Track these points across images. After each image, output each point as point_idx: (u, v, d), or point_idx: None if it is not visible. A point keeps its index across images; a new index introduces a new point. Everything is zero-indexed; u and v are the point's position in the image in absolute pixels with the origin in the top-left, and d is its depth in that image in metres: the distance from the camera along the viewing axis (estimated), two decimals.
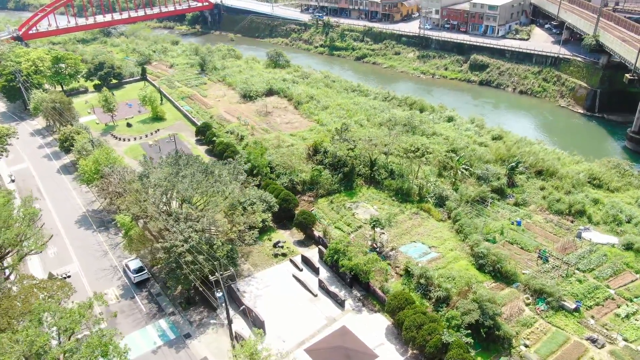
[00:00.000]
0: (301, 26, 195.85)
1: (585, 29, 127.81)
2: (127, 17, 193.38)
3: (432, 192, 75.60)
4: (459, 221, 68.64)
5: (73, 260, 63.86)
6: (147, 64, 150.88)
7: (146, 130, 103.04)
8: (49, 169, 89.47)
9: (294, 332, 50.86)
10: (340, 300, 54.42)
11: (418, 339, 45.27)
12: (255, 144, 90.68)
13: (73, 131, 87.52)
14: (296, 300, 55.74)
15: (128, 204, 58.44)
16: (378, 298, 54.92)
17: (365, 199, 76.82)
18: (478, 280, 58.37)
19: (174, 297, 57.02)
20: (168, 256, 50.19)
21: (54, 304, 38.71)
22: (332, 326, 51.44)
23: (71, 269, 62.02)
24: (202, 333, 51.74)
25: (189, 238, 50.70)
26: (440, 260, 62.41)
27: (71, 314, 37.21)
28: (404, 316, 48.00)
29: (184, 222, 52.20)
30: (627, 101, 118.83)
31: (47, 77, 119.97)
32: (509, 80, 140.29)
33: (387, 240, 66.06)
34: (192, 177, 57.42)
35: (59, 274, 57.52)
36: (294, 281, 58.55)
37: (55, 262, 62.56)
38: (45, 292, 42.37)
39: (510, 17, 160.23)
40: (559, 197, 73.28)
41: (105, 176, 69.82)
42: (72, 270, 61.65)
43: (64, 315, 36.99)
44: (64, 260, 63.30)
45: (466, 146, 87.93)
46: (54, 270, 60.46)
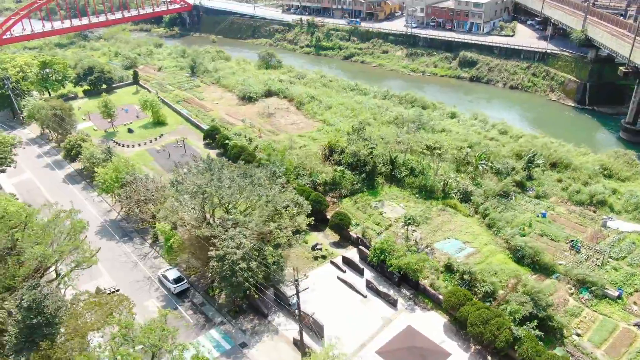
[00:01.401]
0: (285, 26, 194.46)
1: (572, 24, 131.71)
2: (104, 20, 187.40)
3: (455, 188, 76.26)
4: (488, 216, 69.48)
5: (102, 273, 61.23)
6: (134, 68, 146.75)
7: (149, 136, 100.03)
8: (54, 179, 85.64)
9: (352, 334, 50.28)
10: (392, 300, 54.15)
11: (486, 334, 45.42)
12: (268, 146, 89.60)
13: (79, 139, 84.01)
14: (346, 303, 55.11)
15: (165, 212, 56.44)
16: (429, 296, 54.90)
17: (388, 197, 76.83)
18: (518, 273, 59.26)
19: (220, 306, 55.46)
20: (222, 264, 48.62)
21: (130, 320, 36.86)
22: (390, 326, 51.13)
23: (103, 282, 59.43)
24: (259, 341, 50.49)
25: (240, 244, 49.38)
26: (478, 255, 62.93)
27: (155, 330, 35.46)
28: (466, 312, 48.11)
29: (232, 228, 50.75)
30: (615, 93, 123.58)
31: (33, 83, 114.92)
32: (499, 76, 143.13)
33: (421, 237, 66.20)
34: (231, 181, 56.00)
35: (107, 288, 54.92)
36: (339, 283, 57.89)
37: (85, 276, 59.75)
38: (107, 307, 40.31)
39: (494, 14, 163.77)
40: (578, 188, 75.11)
41: (128, 184, 67.33)
42: (104, 283, 59.09)
43: (147, 331, 35.23)
44: (93, 274, 60.50)
45: (478, 142, 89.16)
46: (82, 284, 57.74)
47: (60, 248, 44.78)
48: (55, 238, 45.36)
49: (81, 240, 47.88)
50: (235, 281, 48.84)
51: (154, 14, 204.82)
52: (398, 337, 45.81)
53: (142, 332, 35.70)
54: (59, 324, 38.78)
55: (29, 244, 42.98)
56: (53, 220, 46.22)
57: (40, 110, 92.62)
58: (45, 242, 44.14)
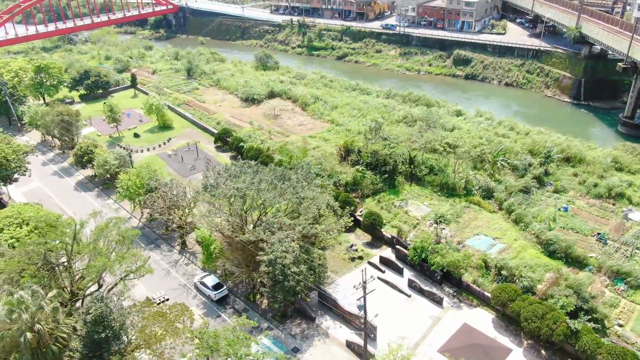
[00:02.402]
0: (275, 27, 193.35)
1: (565, 22, 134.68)
2: (90, 23, 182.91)
3: (477, 185, 76.99)
4: (514, 211, 70.34)
5: (135, 283, 59.38)
6: (126, 71, 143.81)
7: (157, 140, 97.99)
8: (65, 187, 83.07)
9: (404, 334, 50.09)
10: (438, 299, 54.33)
11: (543, 328, 45.93)
12: (283, 148, 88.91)
13: (90, 145, 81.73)
14: (391, 302, 55.02)
15: (202, 217, 55.30)
16: (473, 293, 55.26)
17: (411, 196, 77.11)
18: (552, 266, 60.22)
19: (264, 312, 54.66)
20: (273, 268, 47.88)
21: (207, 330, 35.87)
22: (440, 325, 51.29)
23: (137, 291, 57.80)
24: (310, 345, 49.94)
25: (289, 248, 48.77)
26: (509, 250, 63.63)
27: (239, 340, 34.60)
28: (518, 308, 48.56)
29: (279, 231, 50.09)
30: (609, 88, 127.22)
31: (28, 88, 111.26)
32: (494, 74, 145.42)
33: (451, 235, 66.62)
34: (269, 184, 55.27)
35: (157, 298, 53.35)
36: (381, 284, 57.69)
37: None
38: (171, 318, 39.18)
39: (484, 12, 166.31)
40: (595, 182, 76.78)
41: (154, 190, 65.74)
42: (138, 293, 57.49)
43: (232, 342, 34.33)
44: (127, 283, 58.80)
45: (491, 139, 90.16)
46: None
47: (120, 257, 43.30)
48: (110, 248, 43.82)
49: (135, 249, 46.54)
50: (287, 285, 48.16)
51: (140, 16, 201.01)
52: (456, 335, 45.96)
53: (226, 342, 34.75)
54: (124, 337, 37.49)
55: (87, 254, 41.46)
56: (104, 229, 44.67)
57: (45, 116, 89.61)
58: (104, 252, 42.64)
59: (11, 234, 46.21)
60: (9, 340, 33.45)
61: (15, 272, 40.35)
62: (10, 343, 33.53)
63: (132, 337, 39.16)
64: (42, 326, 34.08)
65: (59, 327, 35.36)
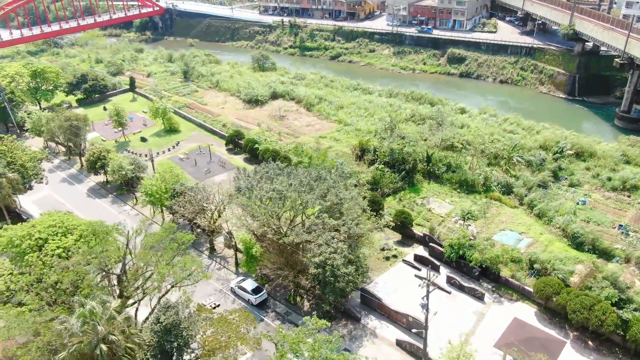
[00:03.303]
0: (265, 28, 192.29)
1: (558, 19, 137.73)
2: (76, 26, 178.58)
3: (495, 181, 77.97)
4: (536, 206, 71.48)
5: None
6: (120, 74, 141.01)
7: (165, 144, 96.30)
8: (77, 194, 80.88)
9: (452, 330, 50.45)
10: (479, 294, 54.81)
11: (592, 319, 46.79)
12: (297, 149, 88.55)
13: (103, 150, 79.81)
14: (432, 300, 55.04)
15: (239, 220, 54.59)
16: (513, 287, 55.93)
17: (431, 194, 77.66)
18: (582, 259, 61.43)
19: (307, 314, 54.13)
20: (323, 270, 47.56)
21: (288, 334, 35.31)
22: (486, 320, 51.79)
23: (173, 298, 56.60)
24: (360, 346, 49.76)
25: (338, 249, 48.55)
26: (537, 244, 64.63)
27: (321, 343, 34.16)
28: (564, 300, 49.37)
29: (327, 233, 49.78)
30: (602, 84, 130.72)
31: (24, 93, 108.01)
32: (489, 71, 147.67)
33: (477, 231, 67.32)
34: (305, 185, 54.92)
35: (208, 304, 52.21)
36: (418, 281, 57.73)
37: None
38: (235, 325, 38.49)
39: (475, 11, 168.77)
40: (609, 175, 78.64)
41: (180, 195, 64.55)
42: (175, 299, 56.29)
43: (314, 346, 33.88)
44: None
45: (500, 136, 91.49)
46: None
47: (183, 263, 42.24)
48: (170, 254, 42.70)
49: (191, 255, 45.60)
50: (338, 287, 47.91)
51: (127, 18, 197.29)
52: (509, 329, 46.43)
53: (310, 346, 34.31)
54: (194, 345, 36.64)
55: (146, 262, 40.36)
56: (163, 235, 43.53)
57: (50, 122, 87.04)
58: (166, 259, 41.56)
59: (57, 244, 44.70)
60: (83, 353, 32.33)
61: (71, 284, 39.07)
62: (84, 356, 32.42)
63: (200, 345, 38.30)
64: (116, 337, 33.05)
65: (130, 337, 34.33)
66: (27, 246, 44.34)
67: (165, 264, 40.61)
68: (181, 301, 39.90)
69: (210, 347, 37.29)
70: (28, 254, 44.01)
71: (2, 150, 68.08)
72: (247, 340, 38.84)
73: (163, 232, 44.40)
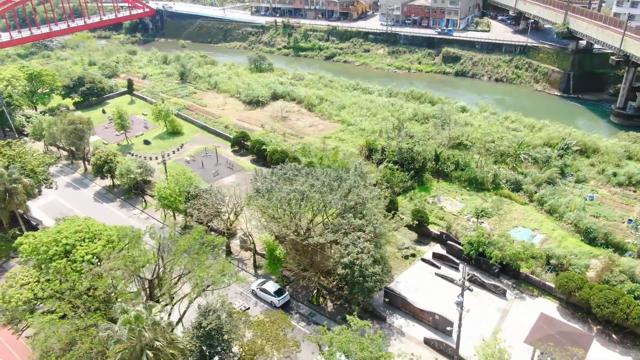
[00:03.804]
0: (258, 29, 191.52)
1: (551, 18, 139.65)
2: (66, 28, 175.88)
3: (504, 178, 78.73)
4: (546, 202, 72.35)
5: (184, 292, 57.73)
6: (115, 77, 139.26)
7: (169, 147, 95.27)
8: (83, 199, 79.61)
9: (477, 327, 50.80)
10: (501, 291, 55.28)
11: (617, 313, 47.51)
12: (304, 150, 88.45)
13: (110, 154, 78.69)
14: (454, 297, 55.32)
15: (259, 222, 54.31)
16: (533, 283, 56.54)
17: (441, 192, 78.16)
18: (596, 254, 62.42)
19: (331, 314, 54.14)
20: (351, 270, 47.54)
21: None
22: (510, 316, 52.28)
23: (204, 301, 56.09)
24: (389, 346, 49.62)
25: (365, 248, 48.59)
26: (550, 240, 65.51)
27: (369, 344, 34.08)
28: (587, 295, 50.06)
29: (353, 233, 49.79)
30: (595, 81, 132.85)
31: (21, 97, 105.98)
32: (484, 70, 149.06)
33: (490, 228, 67.92)
34: (326, 185, 54.85)
35: (237, 307, 51.65)
36: (440, 279, 58.25)
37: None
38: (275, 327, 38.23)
39: (468, 10, 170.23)
40: (614, 171, 79.98)
41: (195, 198, 63.95)
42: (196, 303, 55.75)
43: (364, 346, 33.79)
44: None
45: (504, 134, 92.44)
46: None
47: (221, 267, 41.80)
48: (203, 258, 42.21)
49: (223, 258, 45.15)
50: (366, 286, 47.94)
51: (117, 20, 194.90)
52: (538, 325, 46.86)
53: (360, 345, 34.19)
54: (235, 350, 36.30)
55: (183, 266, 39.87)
56: (196, 239, 43.03)
57: (52, 126, 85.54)
58: (202, 262, 41.07)
59: (86, 250, 43.86)
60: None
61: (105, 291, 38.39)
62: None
63: (240, 349, 37.92)
64: (161, 343, 32.56)
65: (173, 343, 33.86)
66: (54, 253, 43.48)
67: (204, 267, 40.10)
68: (219, 305, 39.43)
69: (251, 351, 36.94)
70: (55, 260, 43.14)
71: (11, 155, 66.69)
72: (287, 343, 38.60)
73: (196, 235, 43.90)
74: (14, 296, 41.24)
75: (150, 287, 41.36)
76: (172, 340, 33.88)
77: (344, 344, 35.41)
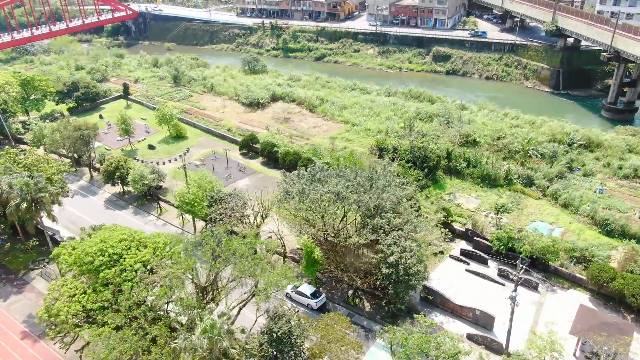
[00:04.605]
0: (246, 30, 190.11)
1: (539, 17, 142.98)
2: (48, 32, 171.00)
3: (515, 174, 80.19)
4: (560, 196, 74.02)
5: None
6: (105, 81, 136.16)
7: (175, 151, 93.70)
8: (95, 207, 77.59)
9: (517, 321, 51.51)
10: (534, 284, 56.29)
11: None
12: (313, 151, 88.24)
13: (121, 160, 76.98)
14: (488, 292, 56.37)
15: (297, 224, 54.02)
16: (563, 276, 57.76)
17: (455, 189, 79.17)
18: (614, 245, 64.23)
19: (370, 314, 54.17)
20: (395, 270, 47.70)
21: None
22: (545, 308, 53.31)
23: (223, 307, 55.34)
24: None
25: (407, 247, 48.84)
26: (569, 233, 67.08)
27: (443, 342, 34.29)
28: (621, 285, 51.45)
29: (394, 232, 49.97)
30: (584, 78, 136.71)
31: (15, 103, 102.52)
32: (474, 68, 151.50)
33: (510, 223, 69.08)
34: (360, 185, 54.99)
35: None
36: (471, 275, 59.00)
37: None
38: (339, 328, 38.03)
39: (455, 9, 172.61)
40: (620, 164, 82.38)
41: (218, 202, 63.06)
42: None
43: (442, 343, 33.92)
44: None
45: (508, 131, 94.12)
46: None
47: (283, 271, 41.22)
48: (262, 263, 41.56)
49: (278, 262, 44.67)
50: (411, 285, 48.19)
51: (100, 23, 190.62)
52: (579, 316, 47.95)
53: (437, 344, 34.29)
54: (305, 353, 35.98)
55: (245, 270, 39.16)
56: (246, 244, 42.35)
57: (55, 133, 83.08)
58: (264, 268, 40.44)
59: (134, 258, 42.63)
60: None
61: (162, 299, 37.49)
62: None
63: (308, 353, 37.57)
64: (236, 350, 32.03)
65: (246, 350, 33.32)
66: (100, 263, 42.14)
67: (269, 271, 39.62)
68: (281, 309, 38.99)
69: (322, 354, 36.64)
70: (103, 270, 41.82)
71: (27, 164, 64.49)
72: (353, 345, 38.44)
73: (252, 240, 43.26)
74: (63, 309, 39.90)
75: (203, 293, 40.59)
76: (244, 346, 33.35)
77: (423, 343, 35.54)
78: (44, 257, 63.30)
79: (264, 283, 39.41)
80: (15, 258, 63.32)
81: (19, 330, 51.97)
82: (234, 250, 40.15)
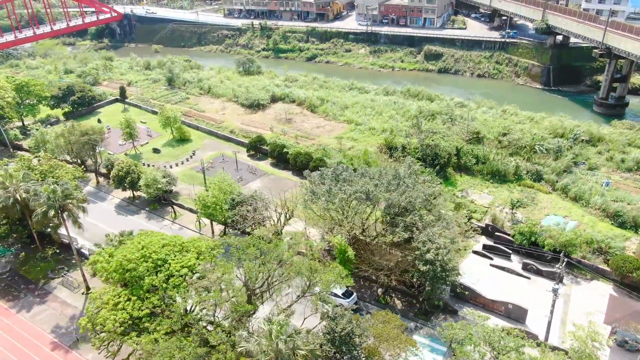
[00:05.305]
0: (235, 31, 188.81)
1: (528, 15, 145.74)
2: (32, 35, 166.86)
3: (524, 169, 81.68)
4: (570, 190, 75.69)
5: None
6: (97, 84, 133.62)
7: (181, 154, 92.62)
8: (106, 212, 76.14)
9: (547, 313, 52.53)
10: (560, 277, 57.31)
11: None
12: (322, 151, 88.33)
13: (131, 164, 75.71)
14: (515, 287, 57.31)
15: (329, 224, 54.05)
16: (586, 267, 59.10)
17: (467, 186, 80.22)
18: (627, 236, 66.07)
19: (403, 312, 54.50)
20: (432, 266, 48.15)
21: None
22: (574, 300, 54.51)
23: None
24: None
25: (442, 243, 49.33)
26: (583, 226, 68.65)
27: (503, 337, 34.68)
28: None
29: (428, 228, 50.43)
30: (573, 74, 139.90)
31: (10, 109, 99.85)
32: (466, 66, 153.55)
33: (525, 217, 70.40)
34: (388, 184, 55.34)
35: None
36: (496, 270, 59.87)
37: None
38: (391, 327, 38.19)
39: (444, 8, 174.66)
40: (622, 158, 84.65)
41: (239, 205, 62.59)
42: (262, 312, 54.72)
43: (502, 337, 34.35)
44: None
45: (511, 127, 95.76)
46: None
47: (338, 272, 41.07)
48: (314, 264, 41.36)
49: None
50: (449, 281, 48.70)
51: (85, 26, 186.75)
52: (611, 306, 49.20)
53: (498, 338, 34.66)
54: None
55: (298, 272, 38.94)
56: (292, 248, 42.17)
57: (59, 137, 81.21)
58: (317, 268, 40.20)
59: (180, 263, 41.92)
60: None
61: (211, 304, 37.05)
62: None
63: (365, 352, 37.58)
64: (303, 351, 31.87)
65: (312, 352, 33.16)
66: (145, 269, 41.33)
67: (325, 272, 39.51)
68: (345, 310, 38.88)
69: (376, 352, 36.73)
70: (147, 276, 41.03)
71: (43, 171, 62.86)
72: (410, 342, 38.65)
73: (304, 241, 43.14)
74: (109, 318, 39.03)
75: (252, 295, 40.24)
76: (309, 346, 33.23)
77: (489, 334, 35.92)
78: (62, 266, 61.83)
79: (322, 283, 39.33)
80: (33, 267, 61.70)
81: (48, 342, 50.72)
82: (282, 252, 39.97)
